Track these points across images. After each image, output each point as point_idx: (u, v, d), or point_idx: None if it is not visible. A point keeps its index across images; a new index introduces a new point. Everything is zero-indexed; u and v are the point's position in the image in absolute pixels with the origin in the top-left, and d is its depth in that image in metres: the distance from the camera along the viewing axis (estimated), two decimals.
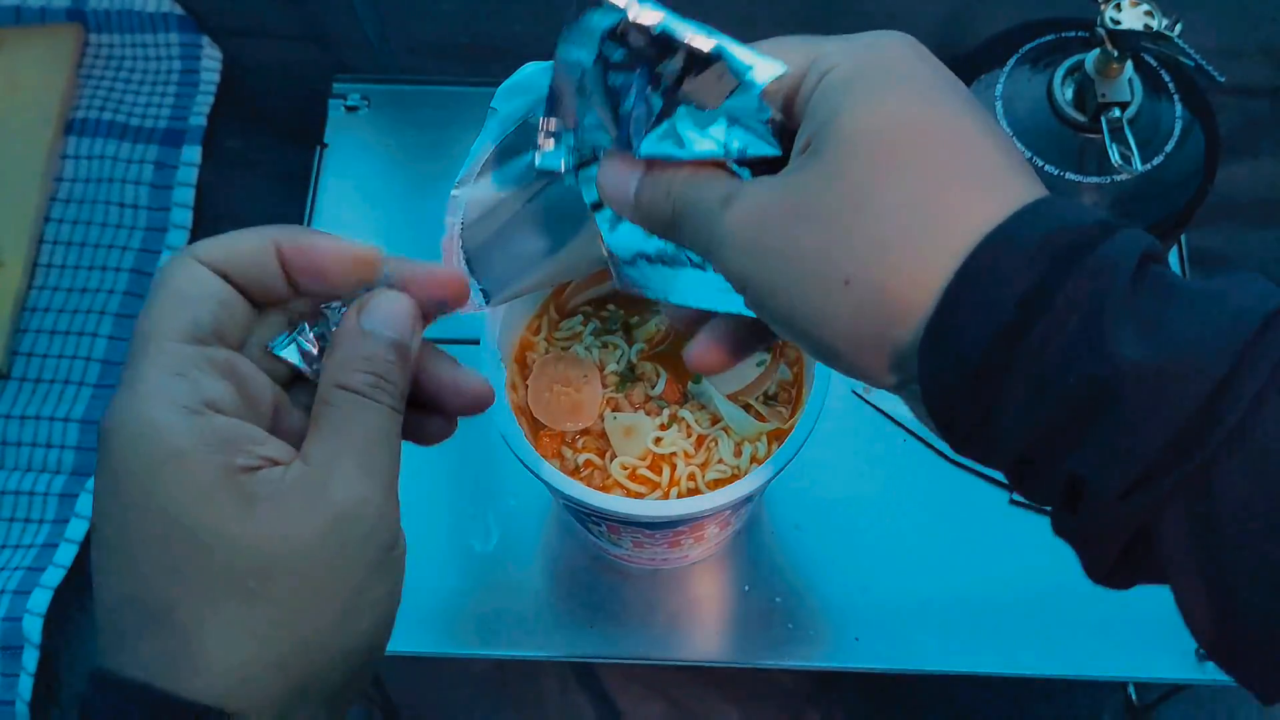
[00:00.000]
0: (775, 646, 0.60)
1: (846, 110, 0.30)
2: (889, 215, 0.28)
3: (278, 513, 0.29)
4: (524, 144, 0.40)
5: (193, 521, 0.29)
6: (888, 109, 0.29)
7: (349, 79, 0.76)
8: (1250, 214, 0.75)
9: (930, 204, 0.28)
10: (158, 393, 0.29)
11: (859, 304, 0.28)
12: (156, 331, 0.30)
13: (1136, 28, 0.54)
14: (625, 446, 0.49)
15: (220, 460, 0.29)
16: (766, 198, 0.30)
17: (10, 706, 0.65)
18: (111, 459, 0.30)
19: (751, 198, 0.31)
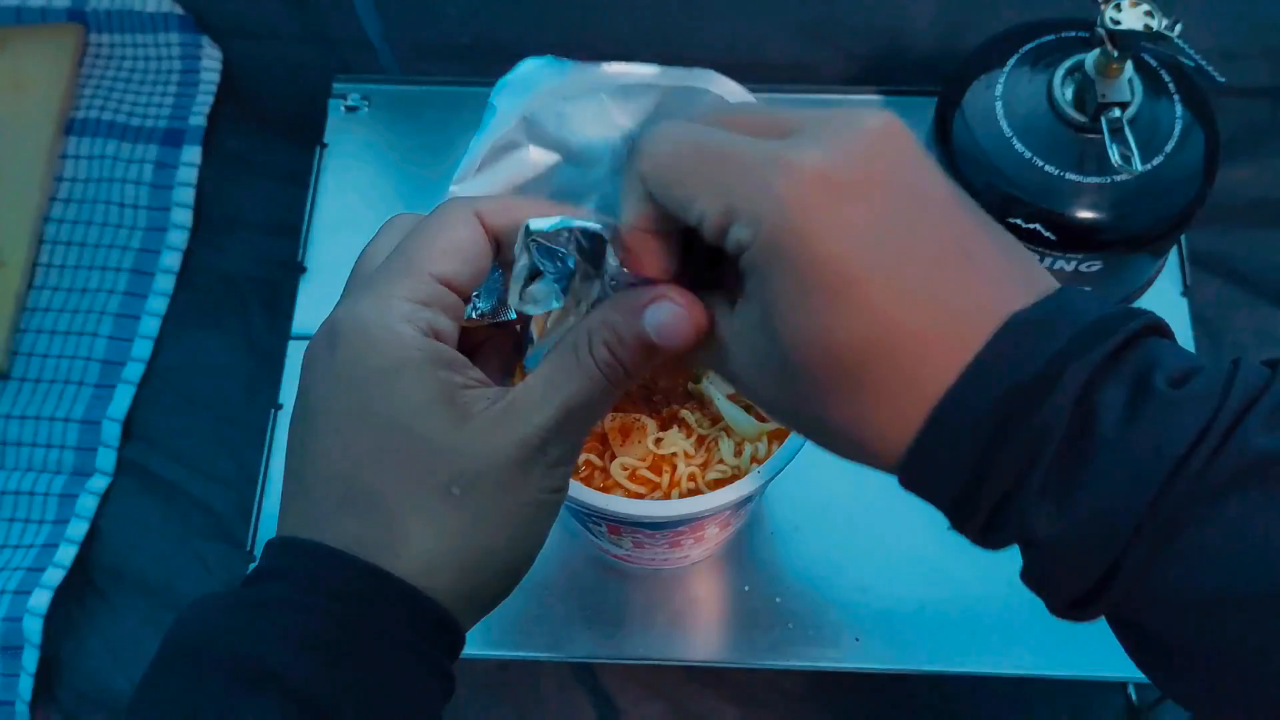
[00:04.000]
0: (775, 646, 0.60)
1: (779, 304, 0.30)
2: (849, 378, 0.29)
3: (488, 430, 0.32)
4: (522, 140, 0.41)
5: (413, 423, 0.32)
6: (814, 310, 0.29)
7: (349, 79, 0.76)
8: (1250, 214, 0.75)
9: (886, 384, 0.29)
10: (404, 310, 0.33)
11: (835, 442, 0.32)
12: (420, 260, 0.34)
13: (1136, 28, 0.54)
14: (625, 447, 0.49)
15: (445, 376, 0.32)
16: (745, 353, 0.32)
17: (10, 706, 0.65)
18: (343, 351, 0.32)
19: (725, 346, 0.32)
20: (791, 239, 0.28)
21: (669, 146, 0.31)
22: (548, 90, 0.40)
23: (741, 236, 0.29)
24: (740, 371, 0.32)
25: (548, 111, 0.40)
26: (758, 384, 0.32)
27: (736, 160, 0.30)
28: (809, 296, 0.29)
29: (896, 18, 0.74)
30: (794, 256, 0.29)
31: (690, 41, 0.76)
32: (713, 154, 0.30)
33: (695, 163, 0.31)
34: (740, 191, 0.29)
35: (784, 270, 0.29)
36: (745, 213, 0.29)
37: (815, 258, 0.28)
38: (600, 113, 0.41)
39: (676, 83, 0.41)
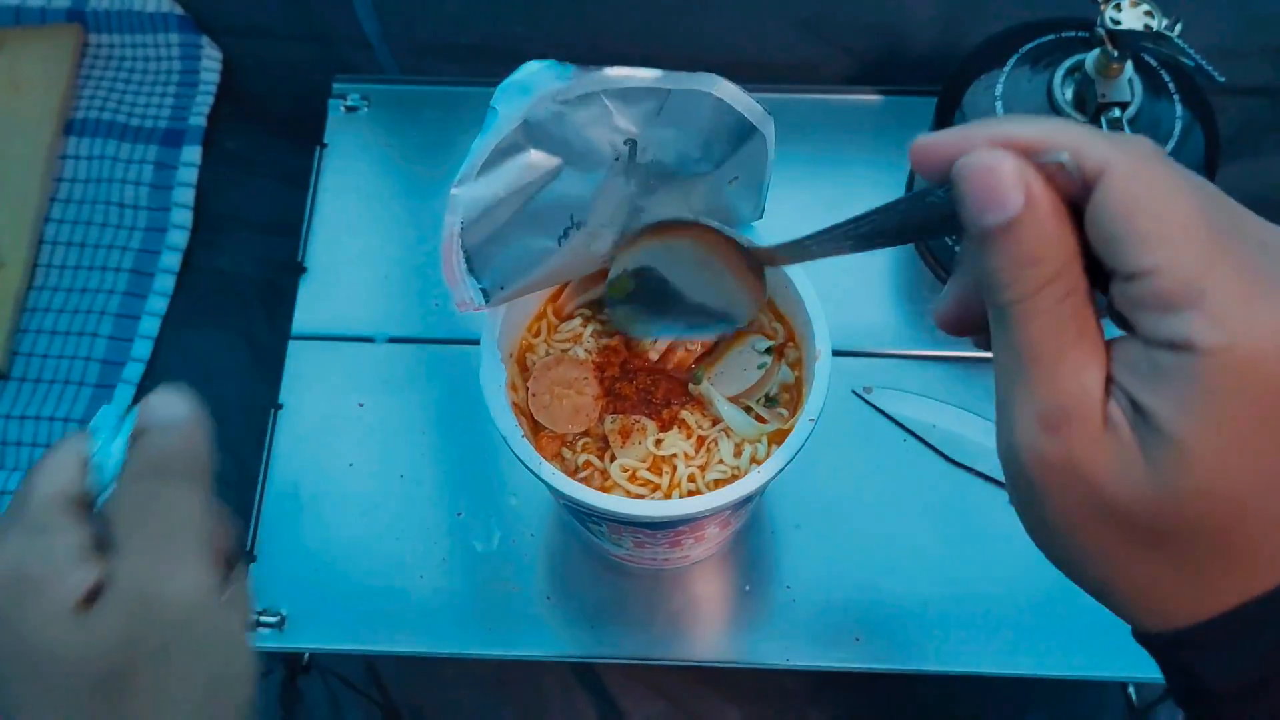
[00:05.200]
0: (775, 646, 0.60)
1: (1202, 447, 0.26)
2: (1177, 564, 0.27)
3: None
4: (523, 143, 0.41)
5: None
6: (1245, 469, 0.26)
7: (349, 79, 0.76)
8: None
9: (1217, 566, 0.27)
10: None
11: (1099, 593, 0.29)
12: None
13: (1136, 28, 0.54)
14: (625, 449, 0.49)
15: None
16: (1085, 471, 0.27)
17: None
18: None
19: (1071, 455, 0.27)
20: (1269, 382, 0.25)
21: (1163, 170, 0.27)
22: (549, 93, 0.40)
23: (1199, 334, 0.25)
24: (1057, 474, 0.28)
25: (549, 115, 0.40)
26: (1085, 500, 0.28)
27: (1240, 247, 0.26)
28: (1256, 447, 0.25)
29: (896, 17, 0.74)
30: (1266, 397, 0.25)
31: (690, 41, 0.76)
32: (1214, 218, 0.26)
33: (1190, 210, 0.26)
34: (1233, 284, 0.25)
35: (1241, 404, 0.25)
36: (1227, 311, 0.25)
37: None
38: (602, 116, 0.41)
39: (678, 86, 0.41)
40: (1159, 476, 0.26)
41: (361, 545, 0.63)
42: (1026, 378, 0.28)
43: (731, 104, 0.42)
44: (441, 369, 0.67)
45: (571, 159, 0.41)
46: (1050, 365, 0.27)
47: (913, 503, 0.63)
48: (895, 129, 0.73)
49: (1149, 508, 0.26)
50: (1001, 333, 0.28)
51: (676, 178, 0.44)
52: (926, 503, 0.62)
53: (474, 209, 0.41)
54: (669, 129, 0.42)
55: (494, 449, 0.64)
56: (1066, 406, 0.27)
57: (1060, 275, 0.27)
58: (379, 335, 0.68)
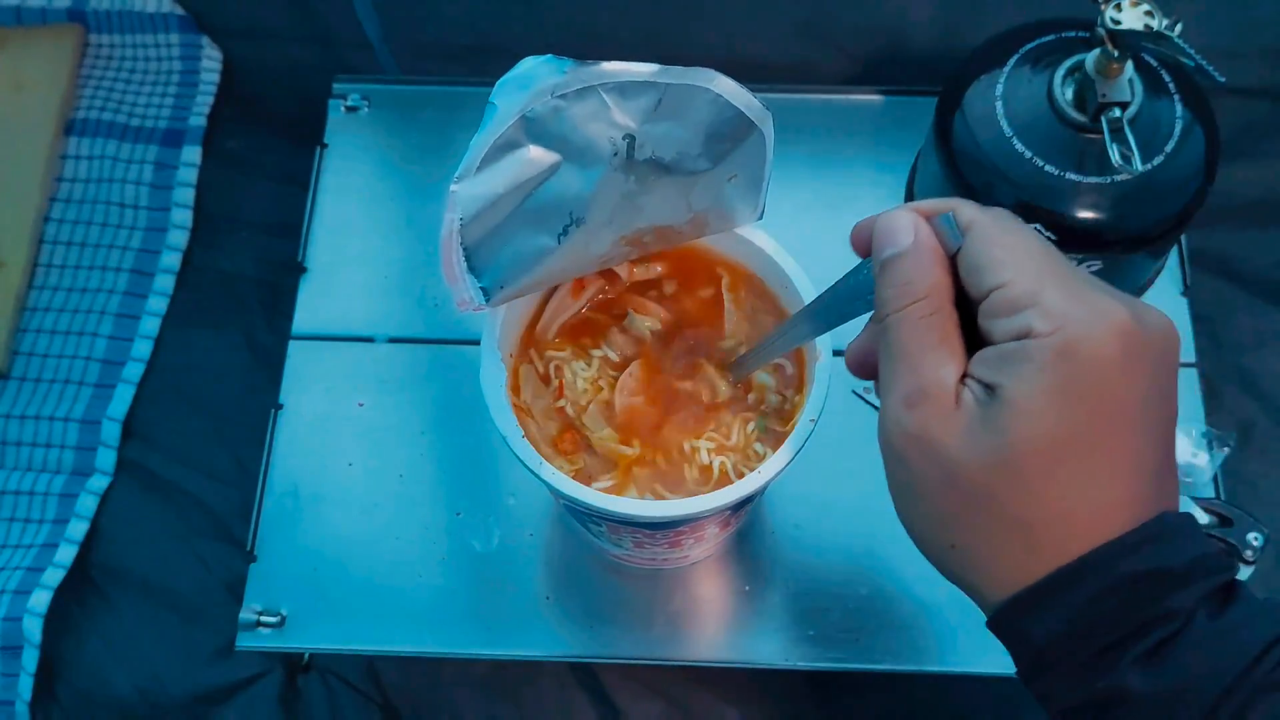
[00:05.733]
0: (775, 646, 0.60)
1: (1029, 406, 0.33)
2: (1006, 525, 0.34)
3: None
4: (522, 139, 0.40)
5: None
6: (1061, 428, 0.32)
7: (349, 79, 0.76)
8: (1250, 214, 0.75)
9: (1039, 530, 0.33)
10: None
11: (952, 567, 0.36)
12: None
13: (1136, 28, 0.54)
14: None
15: None
16: (934, 439, 0.34)
17: (10, 706, 0.65)
18: None
19: (924, 427, 0.35)
20: (1089, 355, 0.32)
21: (1016, 224, 0.36)
22: (547, 89, 0.40)
23: (1037, 323, 0.33)
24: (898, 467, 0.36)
25: (547, 110, 0.40)
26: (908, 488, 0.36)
27: (1064, 274, 0.34)
28: (1071, 409, 0.32)
29: (896, 17, 0.74)
30: (1082, 369, 0.32)
31: (690, 41, 0.76)
32: (1048, 256, 0.35)
33: (1029, 249, 0.35)
34: (1059, 293, 0.33)
35: (1063, 374, 0.32)
36: (1055, 309, 0.33)
37: (1101, 384, 0.32)
38: (600, 111, 0.41)
39: (676, 81, 0.41)
40: (994, 436, 0.33)
41: (361, 545, 0.63)
42: (896, 370, 0.36)
43: (730, 100, 0.42)
44: (441, 369, 0.67)
45: (570, 155, 0.41)
46: (914, 360, 0.35)
47: None
48: (895, 129, 0.73)
49: (985, 466, 0.33)
50: (883, 343, 0.36)
51: (675, 175, 0.44)
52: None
53: (473, 206, 0.41)
54: (667, 125, 0.42)
55: (494, 449, 0.64)
56: (924, 388, 0.35)
57: (929, 296, 0.35)
58: (379, 335, 0.68)
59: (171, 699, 0.66)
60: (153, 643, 0.67)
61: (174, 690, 0.66)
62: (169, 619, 0.67)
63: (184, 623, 0.67)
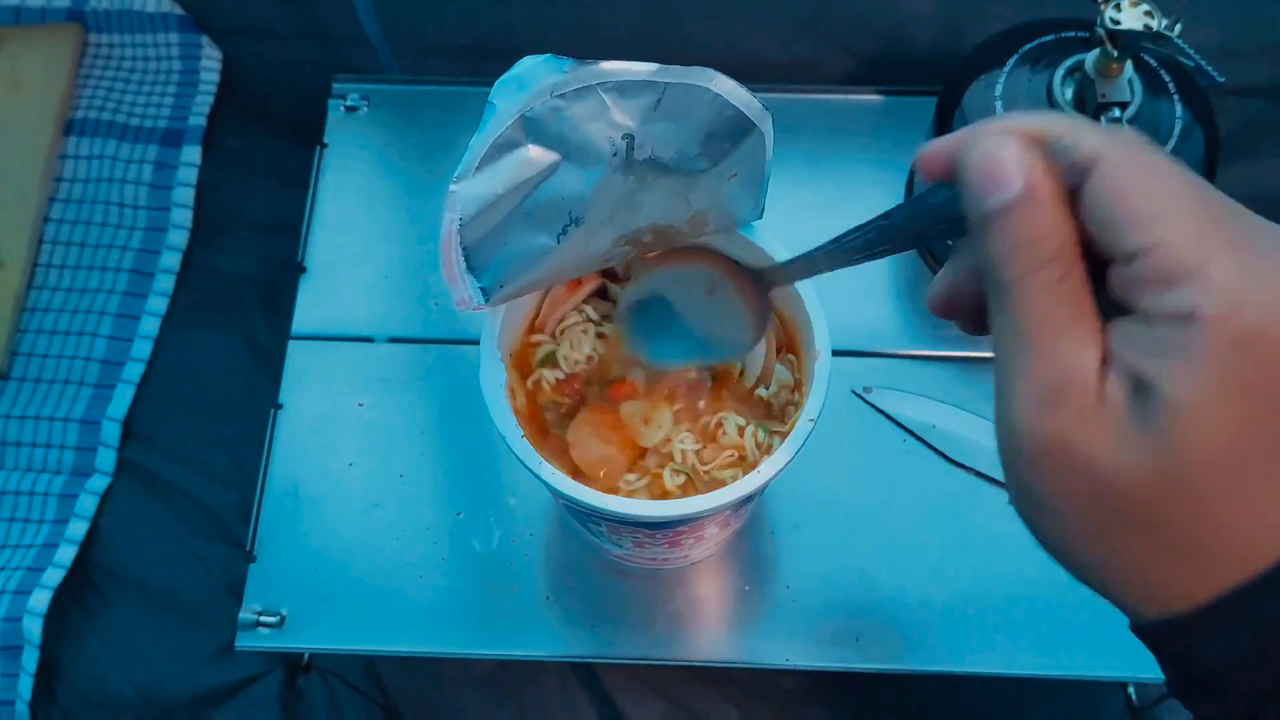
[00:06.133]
0: (775, 646, 0.60)
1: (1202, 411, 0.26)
2: (1173, 547, 0.28)
3: None
4: (522, 139, 0.40)
5: None
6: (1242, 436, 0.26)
7: (349, 79, 0.76)
8: None
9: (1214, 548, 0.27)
10: None
11: (1095, 579, 0.30)
12: None
13: (1136, 28, 0.54)
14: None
15: None
16: (1081, 448, 0.27)
17: (10, 706, 0.65)
18: None
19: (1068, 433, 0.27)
20: (1269, 350, 0.25)
21: (1154, 156, 0.28)
22: (547, 88, 0.40)
23: (1202, 303, 0.25)
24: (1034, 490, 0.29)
25: (547, 110, 0.40)
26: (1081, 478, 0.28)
27: (1233, 222, 0.27)
28: (1257, 411, 0.26)
29: (896, 17, 0.74)
30: (1265, 361, 0.25)
31: (690, 41, 0.76)
32: (1207, 199, 0.27)
33: (1181, 190, 0.27)
34: (1229, 257, 0.26)
35: (1243, 370, 0.25)
36: (1226, 283, 0.25)
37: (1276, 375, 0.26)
38: (599, 111, 0.41)
39: (675, 80, 0.41)
40: (1159, 446, 0.26)
41: (361, 545, 0.63)
42: (1024, 357, 0.28)
43: (729, 99, 0.42)
44: (441, 369, 0.67)
45: (569, 155, 0.41)
46: (1047, 344, 0.28)
47: (913, 503, 0.63)
48: (895, 129, 0.73)
49: (1146, 482, 0.27)
50: (1001, 314, 0.29)
51: (675, 174, 0.44)
52: (926, 503, 0.62)
53: (472, 206, 0.41)
54: (666, 124, 0.42)
55: (494, 449, 0.64)
56: (1063, 383, 0.27)
57: (1058, 257, 0.28)
58: (379, 335, 0.68)
59: (171, 699, 0.66)
60: (153, 643, 0.67)
61: (174, 690, 0.66)
62: (169, 619, 0.67)
63: (184, 623, 0.67)
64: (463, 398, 0.66)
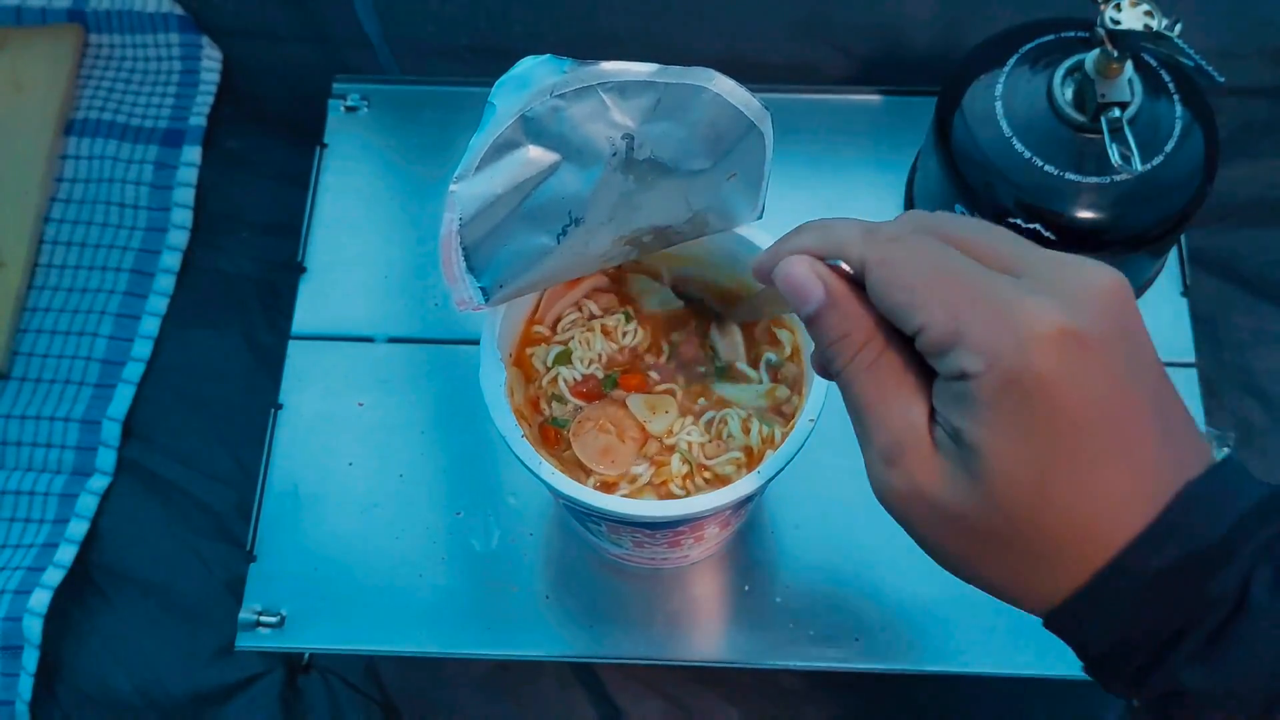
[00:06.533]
0: (775, 646, 0.60)
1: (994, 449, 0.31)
2: (1023, 559, 0.32)
3: None
4: (521, 139, 0.41)
5: None
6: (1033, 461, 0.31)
7: (349, 79, 0.76)
8: (1250, 214, 0.75)
9: (1054, 556, 0.32)
10: None
11: (990, 591, 0.35)
12: None
13: (1136, 28, 0.54)
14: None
15: None
16: (926, 494, 0.33)
17: (10, 706, 0.65)
18: None
19: (912, 483, 0.33)
20: (1031, 382, 0.30)
21: (905, 250, 0.33)
22: (546, 88, 0.40)
23: (968, 365, 0.31)
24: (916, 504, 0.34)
25: (546, 110, 0.40)
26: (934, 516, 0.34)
27: (975, 289, 0.32)
28: (1034, 440, 0.31)
29: (896, 17, 0.74)
30: (1029, 399, 0.30)
31: (690, 41, 0.76)
32: (951, 273, 0.32)
33: (931, 275, 0.32)
34: (978, 321, 0.31)
35: (1013, 409, 0.30)
36: (981, 344, 0.31)
37: (1052, 405, 0.30)
38: (599, 111, 0.41)
39: (674, 81, 0.41)
40: (978, 484, 0.32)
41: (361, 545, 0.63)
42: (865, 427, 0.34)
43: (728, 99, 0.42)
44: (441, 369, 0.67)
45: (569, 155, 0.41)
46: (880, 413, 0.34)
47: None
48: (895, 129, 0.73)
49: (980, 513, 0.32)
50: (844, 396, 0.35)
51: (674, 174, 0.44)
52: None
53: (472, 206, 0.41)
54: (666, 124, 0.42)
55: (493, 449, 0.64)
56: (899, 442, 0.33)
57: (868, 342, 0.34)
58: (379, 335, 0.68)
59: (171, 699, 0.66)
60: (153, 643, 0.67)
61: (174, 690, 0.66)
62: (169, 619, 0.67)
63: (184, 623, 0.67)
64: (463, 398, 0.66)
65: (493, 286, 0.45)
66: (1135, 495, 0.31)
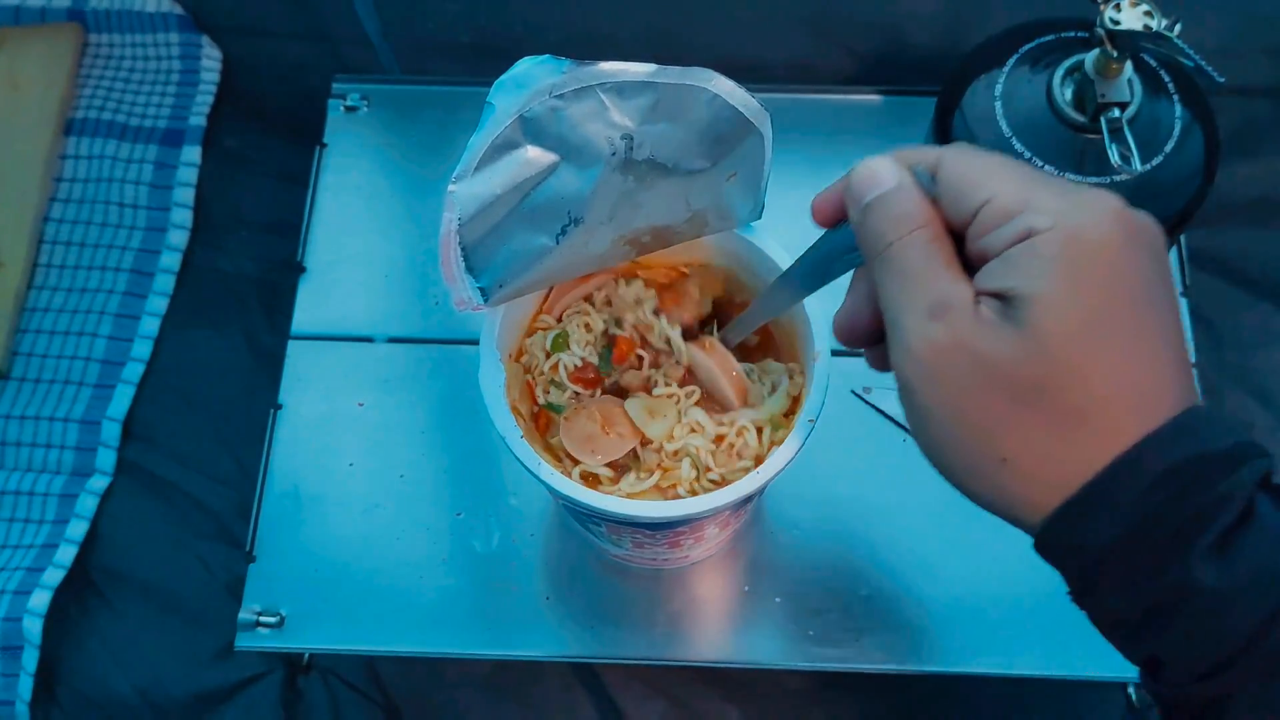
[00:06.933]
0: (775, 646, 0.60)
1: (1051, 297, 0.32)
2: (1057, 418, 0.33)
3: None
4: (520, 139, 0.40)
5: None
6: (1087, 312, 0.32)
7: (349, 79, 0.76)
8: (1250, 214, 0.75)
9: (1091, 418, 0.32)
10: None
11: (1002, 484, 0.34)
12: None
13: (1136, 28, 0.54)
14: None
15: None
16: (969, 344, 0.34)
17: (10, 706, 0.65)
18: None
19: (956, 335, 0.34)
20: (1096, 242, 0.32)
21: (975, 152, 0.36)
22: (545, 89, 0.40)
23: (1037, 222, 0.33)
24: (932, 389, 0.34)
25: (545, 110, 0.40)
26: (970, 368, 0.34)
27: (1044, 179, 0.34)
28: (1091, 294, 0.32)
29: (896, 17, 0.74)
30: (1091, 257, 0.32)
31: (690, 41, 0.76)
32: (1016, 165, 0.35)
33: (1000, 164, 0.35)
34: (1047, 194, 0.33)
35: (1074, 262, 0.32)
36: (1049, 207, 0.33)
37: (1112, 268, 0.32)
38: (598, 111, 0.41)
39: (673, 81, 0.41)
40: (1025, 332, 0.32)
41: (361, 545, 0.63)
42: (910, 290, 0.35)
43: (728, 99, 0.42)
44: (441, 369, 0.67)
45: (568, 155, 0.41)
46: (929, 278, 0.35)
47: (913, 503, 0.63)
48: (895, 129, 0.73)
49: (1027, 359, 0.32)
50: (887, 275, 0.36)
51: (674, 174, 0.44)
52: (926, 503, 0.62)
53: (471, 206, 0.41)
54: (665, 125, 0.42)
55: (494, 449, 0.64)
56: (946, 300, 0.34)
57: (927, 225, 0.35)
58: (379, 335, 0.68)
59: (171, 700, 0.66)
60: (153, 643, 0.67)
61: (174, 691, 0.66)
62: (169, 619, 0.67)
63: (184, 623, 0.67)
64: (463, 398, 0.66)
65: (492, 286, 0.45)
66: (1163, 387, 0.33)
